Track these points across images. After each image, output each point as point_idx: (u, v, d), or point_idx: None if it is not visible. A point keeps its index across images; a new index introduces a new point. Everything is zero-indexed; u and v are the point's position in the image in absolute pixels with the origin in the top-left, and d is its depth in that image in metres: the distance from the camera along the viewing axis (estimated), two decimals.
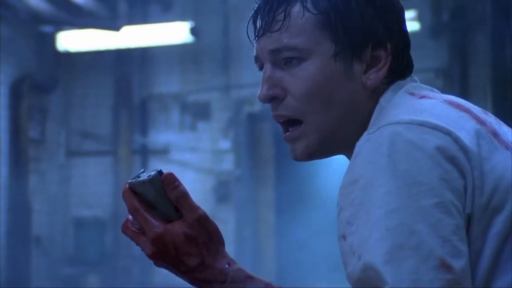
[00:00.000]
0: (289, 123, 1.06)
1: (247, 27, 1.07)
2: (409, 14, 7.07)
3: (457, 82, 6.89)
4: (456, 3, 6.99)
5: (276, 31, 1.02)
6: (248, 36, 1.08)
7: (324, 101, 1.02)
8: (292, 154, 1.07)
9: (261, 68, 1.06)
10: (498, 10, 3.50)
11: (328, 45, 1.01)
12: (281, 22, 1.01)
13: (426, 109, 0.94)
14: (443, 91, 1.06)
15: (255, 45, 1.06)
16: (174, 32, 7.74)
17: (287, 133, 1.06)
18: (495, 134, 0.95)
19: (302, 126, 1.04)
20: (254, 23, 1.06)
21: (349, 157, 1.06)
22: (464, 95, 6.65)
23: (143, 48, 8.09)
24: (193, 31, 7.68)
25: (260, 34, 1.04)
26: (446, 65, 7.30)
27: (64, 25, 7.85)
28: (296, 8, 1.02)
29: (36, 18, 7.59)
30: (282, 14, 1.01)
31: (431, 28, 7.34)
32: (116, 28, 7.58)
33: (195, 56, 8.17)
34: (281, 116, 1.05)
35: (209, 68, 8.10)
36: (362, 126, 0.99)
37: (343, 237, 0.89)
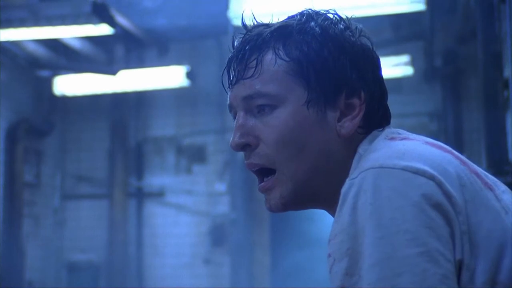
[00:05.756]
0: (264, 173, 1.03)
1: (222, 76, 1.08)
2: (402, 59, 7.16)
3: (451, 125, 6.94)
4: (447, 48, 7.09)
5: (249, 78, 1.02)
6: (224, 86, 1.08)
7: (297, 149, 1.00)
8: (267, 204, 1.05)
9: (234, 116, 1.05)
10: (489, 55, 3.55)
11: (300, 93, 1.01)
12: (253, 69, 1.01)
13: (408, 149, 0.92)
14: (438, 134, 1.05)
15: (229, 93, 1.06)
16: (170, 76, 7.81)
17: (262, 184, 1.04)
18: (478, 175, 0.94)
19: (275, 175, 1.01)
20: (228, 72, 1.06)
21: (327, 210, 1.04)
22: (457, 138, 6.69)
23: (139, 92, 8.15)
24: (189, 75, 7.75)
25: (233, 82, 1.04)
26: (440, 108, 7.37)
27: (61, 70, 7.91)
28: (269, 56, 1.02)
29: (34, 62, 7.66)
30: (255, 62, 1.02)
31: (424, 73, 7.43)
32: (113, 72, 7.65)
33: (190, 100, 8.23)
34: (253, 165, 1.03)
35: (204, 112, 8.16)
36: (337, 176, 0.96)
37: None
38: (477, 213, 0.87)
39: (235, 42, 1.06)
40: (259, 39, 1.03)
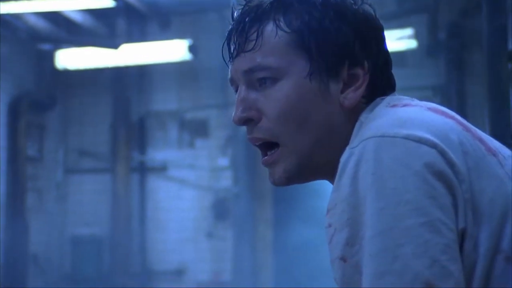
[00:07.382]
0: (268, 146, 1.02)
1: (222, 50, 1.05)
2: (405, 32, 7.11)
3: (454, 100, 6.92)
4: (452, 22, 7.03)
5: (249, 50, 1.00)
6: (224, 60, 1.05)
7: (300, 123, 0.98)
8: (271, 178, 1.04)
9: (236, 90, 1.03)
10: (494, 29, 3.52)
11: (302, 64, 0.99)
12: (254, 42, 0.99)
13: (410, 117, 0.90)
14: None
15: (230, 67, 1.04)
16: (172, 50, 7.77)
17: (265, 158, 1.02)
18: (481, 141, 0.93)
19: (279, 149, 1.00)
20: (229, 45, 1.04)
21: (331, 181, 1.02)
22: (461, 112, 6.67)
23: (141, 66, 8.12)
24: (191, 48, 7.71)
25: (234, 56, 1.02)
26: (444, 82, 7.33)
27: (62, 43, 7.87)
28: (269, 27, 1.00)
29: (35, 36, 7.61)
30: (255, 34, 0.99)
31: (428, 46, 7.38)
32: (115, 46, 7.61)
33: (193, 74, 8.20)
34: (256, 139, 1.02)
35: (207, 86, 8.13)
36: (342, 148, 0.94)
37: (343, 259, 0.86)
38: (480, 181, 0.86)
39: (235, 14, 1.04)
40: (259, 10, 1.01)
